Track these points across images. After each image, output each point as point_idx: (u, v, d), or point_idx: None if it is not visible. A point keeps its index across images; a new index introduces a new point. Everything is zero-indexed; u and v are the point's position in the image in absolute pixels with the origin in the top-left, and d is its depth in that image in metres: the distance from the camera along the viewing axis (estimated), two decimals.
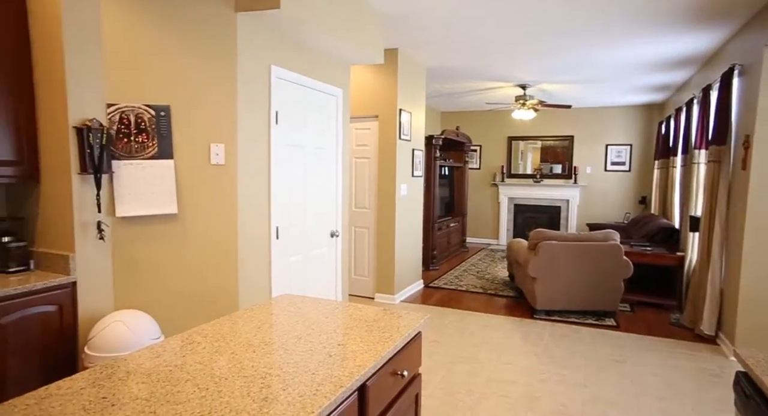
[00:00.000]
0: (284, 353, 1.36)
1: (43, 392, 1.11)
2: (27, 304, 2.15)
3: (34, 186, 2.43)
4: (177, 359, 1.31)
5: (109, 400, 1.08)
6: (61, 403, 1.06)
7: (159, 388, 1.14)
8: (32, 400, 1.07)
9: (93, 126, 2.34)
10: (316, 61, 3.48)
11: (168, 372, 1.23)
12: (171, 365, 1.27)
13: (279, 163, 3.15)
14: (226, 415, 1.02)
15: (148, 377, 1.20)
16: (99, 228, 2.40)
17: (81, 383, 1.16)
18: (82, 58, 2.33)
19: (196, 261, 2.70)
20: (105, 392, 1.12)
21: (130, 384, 1.16)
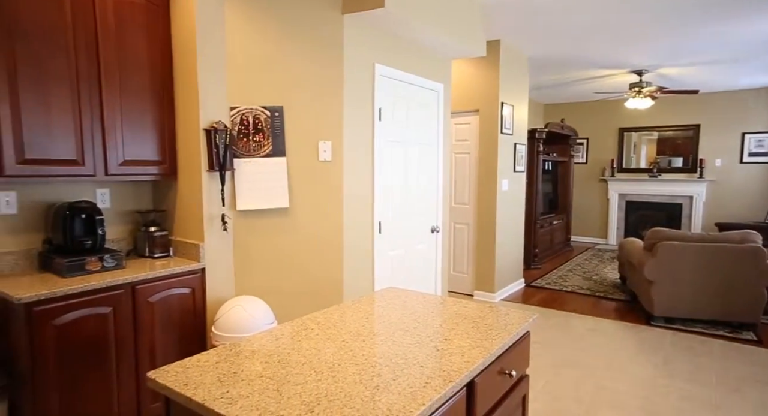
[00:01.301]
0: (392, 344, 1.40)
1: (187, 362, 1.26)
2: (169, 286, 2.45)
3: (173, 182, 2.76)
4: (294, 343, 1.41)
5: (238, 375, 1.19)
6: (201, 373, 1.19)
7: (279, 369, 1.23)
8: (180, 368, 1.22)
9: (219, 128, 2.59)
10: (417, 57, 3.50)
11: (286, 355, 1.32)
12: (289, 348, 1.37)
13: (382, 159, 3.22)
14: (341, 399, 1.07)
15: (270, 358, 1.30)
16: (223, 221, 2.66)
17: (215, 358, 1.30)
18: (211, 70, 2.58)
19: (305, 252, 2.87)
20: (235, 368, 1.23)
21: (255, 363, 1.27)
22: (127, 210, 2.81)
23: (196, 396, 1.07)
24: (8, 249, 2.33)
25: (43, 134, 2.18)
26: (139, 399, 2.37)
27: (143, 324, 2.37)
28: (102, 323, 2.20)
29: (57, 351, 2.05)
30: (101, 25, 2.35)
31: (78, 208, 2.35)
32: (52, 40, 2.18)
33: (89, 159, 2.35)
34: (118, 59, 2.43)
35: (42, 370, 2.01)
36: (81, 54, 2.29)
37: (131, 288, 2.31)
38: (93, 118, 2.35)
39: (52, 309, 2.03)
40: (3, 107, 2.05)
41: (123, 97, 2.46)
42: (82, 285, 2.12)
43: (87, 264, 2.30)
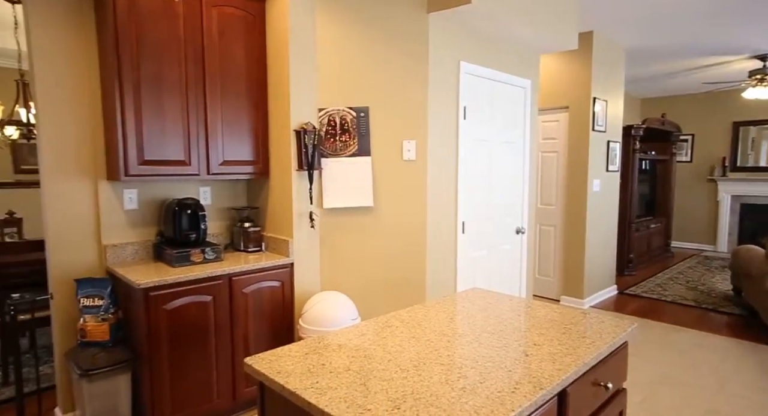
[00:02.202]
0: (478, 346, 1.37)
1: (279, 351, 1.33)
2: (261, 279, 2.61)
3: (265, 181, 2.93)
4: (379, 339, 1.43)
5: (326, 367, 1.23)
6: (292, 363, 1.25)
7: (365, 363, 1.25)
8: (273, 357, 1.29)
9: (308, 128, 2.71)
10: (504, 53, 3.40)
11: (372, 351, 1.34)
12: (374, 344, 1.39)
13: (466, 158, 3.17)
14: (427, 398, 1.06)
15: (356, 352, 1.33)
16: (311, 218, 2.78)
17: (305, 349, 1.36)
18: (302, 74, 2.71)
19: (388, 250, 2.90)
20: (323, 360, 1.28)
21: (342, 356, 1.30)
22: (224, 207, 3.03)
23: (288, 384, 1.13)
24: (130, 240, 2.62)
25: (159, 137, 2.42)
26: (234, 383, 2.55)
27: (238, 313, 2.54)
28: (204, 310, 2.40)
29: (167, 332, 2.27)
30: (207, 37, 2.56)
31: (185, 204, 2.58)
32: (167, 54, 2.42)
33: (195, 159, 2.57)
34: (220, 67, 2.63)
35: (156, 348, 2.24)
36: (190, 64, 2.51)
37: (228, 280, 2.49)
38: (198, 122, 2.57)
39: (163, 295, 2.24)
40: (129, 115, 2.31)
41: (223, 102, 2.66)
42: (188, 275, 2.32)
43: (191, 256, 2.51)
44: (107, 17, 2.28)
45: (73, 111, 2.43)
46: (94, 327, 2.34)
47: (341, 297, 2.66)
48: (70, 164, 2.43)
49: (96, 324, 2.34)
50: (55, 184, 2.39)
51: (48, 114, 2.36)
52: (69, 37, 2.39)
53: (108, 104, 2.40)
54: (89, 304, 2.35)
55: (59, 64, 2.37)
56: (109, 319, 2.36)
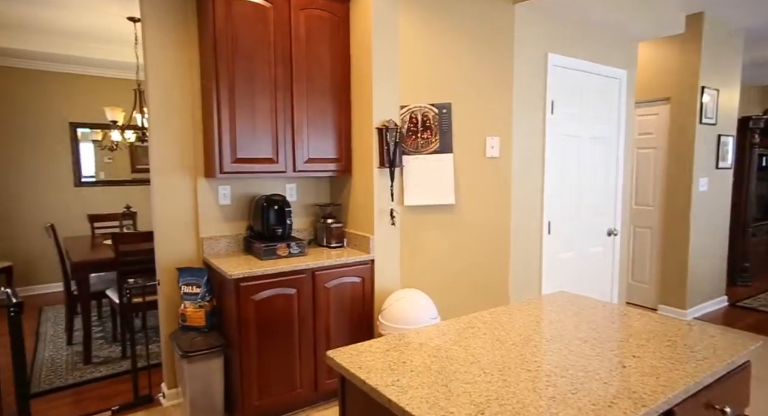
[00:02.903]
0: (568, 354, 1.28)
1: (360, 347, 1.34)
2: (343, 274, 2.67)
3: (347, 178, 2.99)
4: (461, 340, 1.39)
5: (407, 365, 1.22)
6: (373, 359, 1.25)
7: (447, 364, 1.22)
8: (354, 352, 1.30)
9: (389, 126, 2.72)
10: (597, 42, 3.17)
11: (454, 352, 1.31)
12: (456, 345, 1.35)
13: (553, 155, 3.01)
14: (512, 405, 1.01)
15: (437, 352, 1.30)
16: (391, 215, 2.79)
17: (385, 346, 1.35)
18: (384, 73, 2.72)
19: (470, 250, 2.83)
20: (404, 358, 1.27)
21: (423, 355, 1.28)
22: (308, 203, 3.14)
23: (369, 380, 1.13)
24: (224, 234, 2.81)
25: (250, 136, 2.57)
26: (316, 374, 2.64)
27: (320, 307, 2.62)
28: (288, 302, 2.50)
29: (255, 321, 2.40)
30: (294, 39, 2.67)
31: (272, 201, 2.71)
32: (258, 57, 2.55)
33: (282, 157, 2.68)
34: (306, 68, 2.72)
35: (245, 335, 2.38)
36: (279, 66, 2.62)
37: (312, 274, 2.57)
38: (285, 121, 2.68)
39: (252, 286, 2.37)
40: (225, 115, 2.47)
41: (309, 101, 2.75)
42: (274, 268, 2.43)
43: (278, 250, 2.63)
44: (208, 26, 2.46)
45: (178, 115, 2.65)
46: (192, 312, 2.54)
47: (421, 296, 2.64)
48: (174, 163, 2.65)
49: (194, 310, 2.54)
50: (162, 181, 2.63)
51: (158, 118, 2.60)
52: (176, 50, 2.61)
53: (206, 106, 2.58)
54: (189, 291, 2.55)
55: (168, 74, 2.60)
56: (205, 306, 2.54)
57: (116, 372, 3.18)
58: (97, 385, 3.03)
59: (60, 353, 3.54)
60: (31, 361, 3.40)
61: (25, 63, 5.00)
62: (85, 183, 5.49)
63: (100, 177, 5.58)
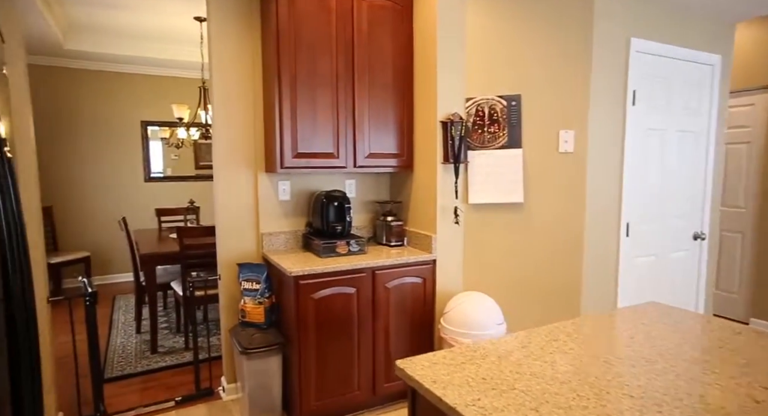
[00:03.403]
0: (676, 378, 1.09)
1: (432, 357, 1.22)
2: (403, 274, 2.56)
3: (408, 174, 2.88)
4: (545, 355, 1.24)
5: (488, 382, 1.08)
6: (448, 372, 1.13)
7: (533, 384, 1.08)
8: (426, 362, 1.19)
9: (454, 119, 2.58)
10: (687, 24, 2.86)
11: (539, 368, 1.16)
12: (540, 360, 1.20)
13: (633, 150, 2.74)
14: None
15: (520, 368, 1.16)
16: (455, 214, 2.64)
17: (461, 357, 1.23)
18: (449, 63, 2.58)
19: (538, 251, 2.64)
20: (483, 372, 1.13)
21: (504, 371, 1.14)
22: (368, 200, 3.06)
23: (446, 398, 1.01)
24: (283, 230, 2.78)
25: (311, 131, 2.51)
26: (374, 376, 2.55)
27: (380, 307, 2.52)
28: (348, 301, 2.42)
29: (314, 320, 2.35)
30: (357, 30, 2.58)
31: (332, 197, 2.65)
32: (320, 49, 2.49)
33: (342, 152, 2.61)
34: (368, 60, 2.63)
35: (304, 334, 2.33)
36: (340, 58, 2.55)
37: (372, 273, 2.49)
38: (347, 115, 2.61)
39: (312, 284, 2.32)
40: (286, 109, 2.44)
41: (370, 94, 2.66)
42: (334, 266, 2.36)
43: (337, 247, 2.57)
44: (271, 19, 2.42)
45: (241, 111, 2.64)
46: (252, 309, 2.53)
47: (486, 299, 2.48)
48: (236, 158, 2.65)
49: (254, 306, 2.52)
50: (224, 177, 2.63)
51: (221, 115, 2.60)
52: (240, 47, 2.60)
53: (268, 101, 2.56)
54: (249, 287, 2.54)
55: (231, 71, 2.60)
56: (264, 303, 2.52)
57: (179, 362, 3.26)
58: (161, 374, 3.12)
59: (130, 341, 3.69)
60: (106, 347, 3.57)
61: (101, 65, 5.28)
62: (153, 178, 5.74)
63: (166, 173, 5.82)
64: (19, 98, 2.22)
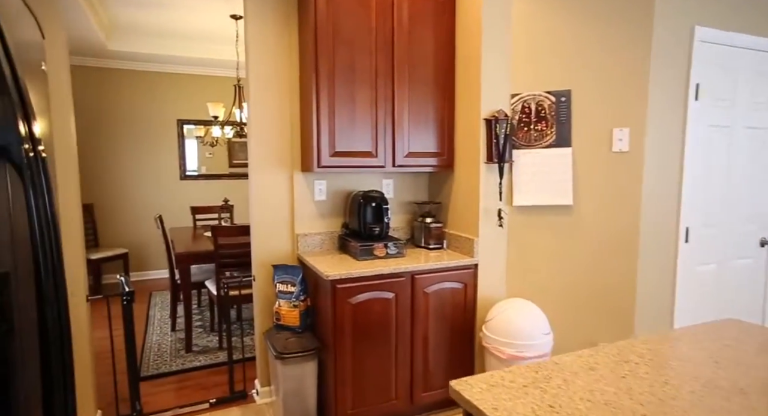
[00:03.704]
0: None
1: (490, 378, 1.10)
2: (443, 279, 2.44)
3: (449, 174, 2.76)
4: (618, 380, 1.10)
5: (557, 411, 0.96)
6: (510, 397, 1.01)
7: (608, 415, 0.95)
8: (484, 384, 1.07)
9: (499, 117, 2.43)
10: (756, 10, 2.62)
11: (613, 396, 1.02)
12: (613, 386, 1.07)
13: (694, 149, 2.53)
14: None
15: (591, 394, 1.03)
16: (499, 216, 2.50)
17: (521, 379, 1.10)
18: (495, 58, 2.44)
19: (588, 256, 2.47)
20: (549, 399, 1.01)
21: (573, 398, 1.01)
22: (405, 200, 2.95)
23: None
24: (318, 231, 2.71)
25: (349, 129, 2.42)
26: (412, 385, 2.44)
27: (419, 313, 2.41)
28: (386, 307, 2.32)
29: (351, 325, 2.26)
30: (397, 24, 2.47)
31: (370, 197, 2.55)
32: (359, 44, 2.40)
33: (381, 150, 2.51)
34: (408, 55, 2.52)
35: (340, 340, 2.24)
36: (380, 53, 2.45)
37: (411, 277, 2.38)
38: (386, 112, 2.50)
39: (349, 289, 2.23)
40: (324, 107, 2.35)
41: (410, 90, 2.55)
42: (372, 270, 2.26)
43: (375, 250, 2.47)
44: (309, 13, 2.34)
45: (277, 109, 2.58)
46: (287, 312, 2.46)
47: (532, 307, 2.34)
48: (271, 157, 2.59)
49: (288, 309, 2.46)
50: (260, 176, 2.58)
51: (257, 113, 2.54)
52: (276, 45, 2.54)
53: (305, 98, 2.48)
54: (283, 290, 2.47)
55: (267, 68, 2.54)
56: (299, 306, 2.45)
57: (213, 362, 3.24)
58: (196, 374, 3.10)
59: (165, 339, 3.70)
60: (142, 344, 3.59)
61: (140, 65, 5.36)
62: (188, 176, 5.80)
63: (201, 171, 5.87)
64: (61, 97, 2.21)
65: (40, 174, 0.85)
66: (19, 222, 0.85)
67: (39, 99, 1.08)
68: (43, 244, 0.89)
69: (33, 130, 0.85)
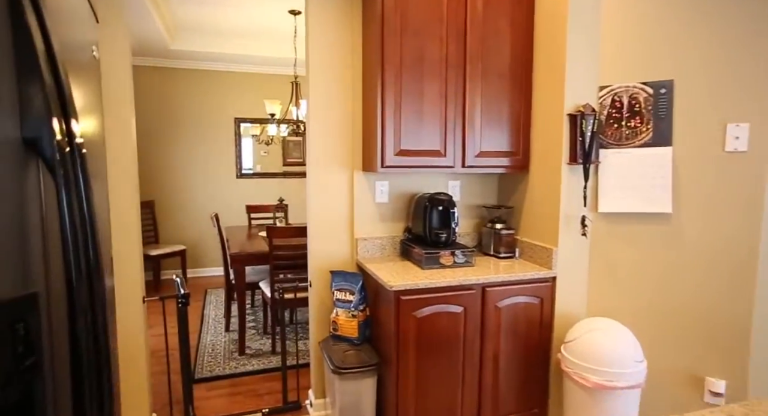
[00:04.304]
0: None
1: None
2: (517, 292, 2.19)
3: (522, 176, 2.49)
4: None
5: None
6: None
7: None
8: None
9: (586, 112, 2.15)
10: None
11: None
12: None
13: None
14: None
15: None
16: (583, 224, 2.22)
17: None
18: (582, 45, 2.16)
19: (690, 275, 2.14)
20: None
21: None
22: (472, 204, 2.72)
23: None
24: (378, 235, 2.53)
25: (416, 126, 2.22)
26: (480, 407, 2.21)
27: (489, 329, 2.18)
28: (454, 321, 2.11)
29: (415, 341, 2.06)
30: (471, 11, 2.25)
31: (437, 200, 2.34)
32: (429, 32, 2.19)
33: (450, 149, 2.29)
34: (482, 45, 2.29)
35: (403, 356, 2.05)
36: (451, 43, 2.23)
37: (482, 290, 2.15)
38: (456, 107, 2.28)
39: (414, 301, 2.03)
40: (389, 100, 2.16)
41: (483, 84, 2.31)
42: (440, 281, 2.05)
43: (441, 258, 2.26)
44: (375, 4, 2.16)
45: (338, 105, 2.42)
46: (345, 322, 2.29)
47: (622, 331, 2.04)
48: (331, 156, 2.44)
49: (347, 319, 2.29)
50: (318, 175, 2.43)
51: (317, 109, 2.40)
52: (338, 37, 2.38)
53: (368, 93, 2.31)
54: (341, 298, 2.31)
55: (328, 62, 2.38)
56: (358, 316, 2.28)
57: (266, 367, 3.15)
58: (248, 379, 3.02)
59: (219, 339, 3.66)
60: (197, 343, 3.57)
61: (199, 64, 5.42)
62: (244, 175, 5.82)
63: (256, 169, 5.87)
64: (122, 94, 2.16)
65: (78, 171, 0.71)
66: (52, 228, 0.71)
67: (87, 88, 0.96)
68: (76, 248, 0.75)
69: (69, 121, 0.72)
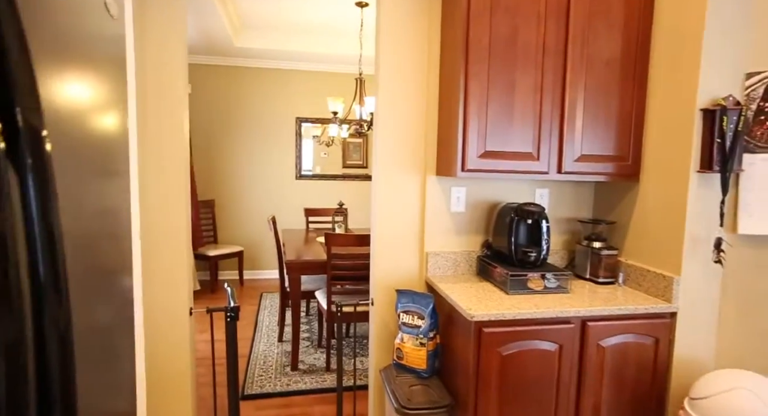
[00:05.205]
0: None
1: None
2: (625, 329, 1.77)
3: (630, 185, 2.06)
4: None
5: None
6: None
7: None
8: None
9: (727, 106, 1.70)
10: None
11: None
12: None
13: None
14: None
15: None
16: (718, 248, 1.76)
17: None
18: (727, 12, 1.71)
19: None
20: None
21: None
22: (562, 216, 2.31)
23: None
24: (452, 250, 2.18)
25: (505, 122, 1.87)
26: None
27: (589, 374, 1.77)
28: (546, 361, 1.72)
29: (498, 381, 1.70)
30: None
31: (526, 211, 1.96)
32: (523, 11, 1.83)
33: (544, 152, 1.91)
34: (587, 25, 1.89)
35: (483, 398, 1.69)
36: (550, 22, 1.86)
37: (582, 324, 1.75)
38: (553, 102, 1.90)
39: (499, 335, 1.67)
40: (473, 93, 1.82)
41: (588, 74, 1.92)
42: (531, 311, 1.68)
43: (529, 282, 1.88)
44: None
45: (411, 101, 2.11)
46: (411, 350, 1.97)
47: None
48: (401, 158, 2.13)
49: (413, 347, 1.96)
50: (386, 180, 2.13)
51: (386, 107, 2.10)
52: (412, 26, 2.07)
53: (447, 85, 1.98)
54: (408, 322, 1.99)
55: (400, 55, 2.08)
56: (427, 345, 1.95)
57: (320, 387, 2.88)
58: (300, 399, 2.77)
59: (271, 350, 3.46)
60: (248, 353, 3.39)
61: (261, 62, 5.32)
62: (304, 176, 5.66)
63: (315, 171, 5.70)
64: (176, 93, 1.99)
65: (27, 171, 0.46)
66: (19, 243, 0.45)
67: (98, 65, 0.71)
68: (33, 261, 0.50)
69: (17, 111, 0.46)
